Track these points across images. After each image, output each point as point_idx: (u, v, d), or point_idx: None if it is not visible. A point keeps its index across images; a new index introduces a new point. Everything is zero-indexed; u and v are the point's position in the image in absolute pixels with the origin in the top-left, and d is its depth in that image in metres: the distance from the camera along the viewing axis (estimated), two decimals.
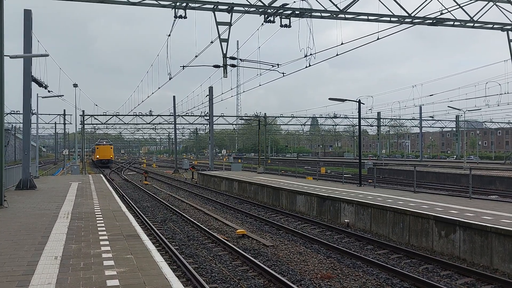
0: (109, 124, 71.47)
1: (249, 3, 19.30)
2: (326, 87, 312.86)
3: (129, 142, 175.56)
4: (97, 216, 12.97)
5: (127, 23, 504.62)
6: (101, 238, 9.70)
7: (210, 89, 46.11)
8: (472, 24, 21.78)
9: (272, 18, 19.84)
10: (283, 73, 23.08)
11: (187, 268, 10.32)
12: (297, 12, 19.77)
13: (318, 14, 20.22)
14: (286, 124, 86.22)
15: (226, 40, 20.29)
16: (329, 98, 24.93)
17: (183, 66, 25.12)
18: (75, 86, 45.54)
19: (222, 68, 20.63)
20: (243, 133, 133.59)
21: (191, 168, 48.42)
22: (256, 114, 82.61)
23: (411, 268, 11.05)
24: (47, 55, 18.60)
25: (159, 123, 73.92)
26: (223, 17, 21.99)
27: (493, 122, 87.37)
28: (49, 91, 31.63)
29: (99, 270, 7.11)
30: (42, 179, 30.51)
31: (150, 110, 67.46)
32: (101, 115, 66.74)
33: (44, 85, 28.25)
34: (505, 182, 31.88)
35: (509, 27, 22.53)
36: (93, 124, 70.13)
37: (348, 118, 78.89)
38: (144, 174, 43.74)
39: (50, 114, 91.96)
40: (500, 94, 45.92)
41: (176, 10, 19.05)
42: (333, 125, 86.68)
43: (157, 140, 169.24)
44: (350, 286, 9.60)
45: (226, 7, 19.44)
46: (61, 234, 10.17)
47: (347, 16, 20.60)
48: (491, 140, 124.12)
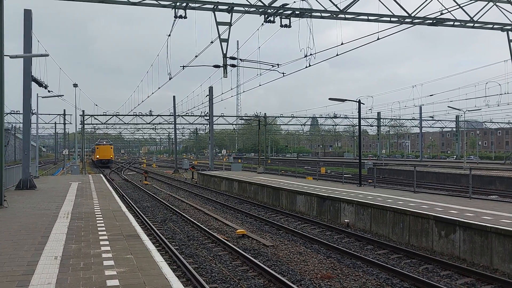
0: (109, 124, 71.54)
1: (249, 3, 19.31)
2: (326, 87, 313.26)
3: (129, 142, 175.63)
4: (97, 216, 12.97)
5: (127, 23, 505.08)
6: (101, 238, 9.70)
7: (210, 89, 46.14)
8: (472, 24, 21.79)
9: (272, 18, 19.84)
10: (283, 73, 23.10)
11: (187, 268, 10.33)
12: (297, 12, 19.78)
13: (318, 14, 20.23)
14: (286, 124, 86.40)
15: (226, 40, 20.29)
16: (329, 98, 24.96)
17: (183, 66, 25.14)
18: (75, 86, 45.57)
19: (222, 68, 20.63)
20: (243, 133, 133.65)
21: (191, 168, 48.43)
22: (256, 114, 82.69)
23: (411, 268, 11.05)
24: (47, 55, 18.60)
25: (159, 123, 73.99)
26: (223, 17, 21.98)
27: (493, 122, 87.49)
28: (49, 91, 31.66)
29: (99, 270, 7.11)
30: (42, 179, 30.52)
31: (150, 110, 67.60)
32: (101, 115, 66.82)
33: (44, 85, 28.27)
34: (505, 182, 31.89)
35: (509, 27, 22.54)
36: (93, 124, 70.25)
37: (348, 118, 79.02)
38: (144, 174, 43.75)
39: (50, 114, 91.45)
40: (500, 94, 46.03)
41: (176, 10, 19.06)
42: (333, 125, 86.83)
43: (157, 140, 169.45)
44: (350, 286, 9.60)
45: (226, 7, 19.44)
46: (61, 234, 10.18)
47: (347, 16, 20.61)
48: (491, 140, 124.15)
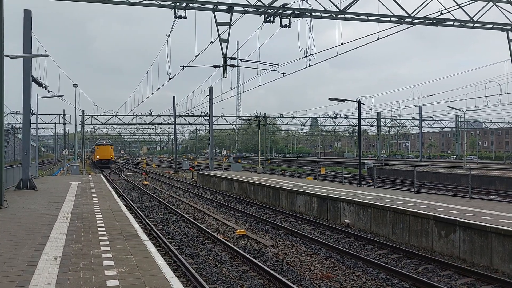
0: (109, 124, 71.59)
1: (249, 3, 19.31)
2: (326, 87, 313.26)
3: (129, 142, 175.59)
4: (97, 216, 12.97)
5: (127, 23, 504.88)
6: (101, 238, 9.70)
7: (210, 89, 46.13)
8: (472, 24, 21.80)
9: (272, 18, 19.85)
10: (283, 73, 23.12)
11: (187, 268, 10.32)
12: (297, 12, 19.78)
13: (318, 14, 20.23)
14: (286, 124, 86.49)
15: (226, 40, 20.30)
16: (329, 98, 24.96)
17: (183, 66, 25.14)
18: (75, 86, 45.59)
19: (222, 68, 20.63)
20: (243, 133, 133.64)
21: (191, 168, 48.44)
22: (256, 114, 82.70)
23: (411, 268, 11.05)
24: (47, 55, 18.61)
25: (159, 123, 74.06)
26: (223, 17, 22.01)
27: (493, 122, 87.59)
28: (49, 91, 31.65)
29: (99, 270, 7.11)
30: (42, 179, 30.51)
31: (150, 110, 67.70)
32: (101, 115, 66.90)
33: (44, 85, 28.25)
34: (504, 182, 31.90)
35: (509, 27, 22.54)
36: (93, 124, 70.31)
37: (348, 118, 79.08)
38: (144, 174, 43.74)
39: (50, 114, 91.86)
40: (500, 94, 46.10)
41: (176, 10, 19.06)
42: (333, 125, 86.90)
43: (157, 140, 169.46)
44: (350, 286, 9.60)
45: (226, 7, 19.44)
46: (61, 234, 10.17)
47: (347, 16, 20.62)
48: (491, 140, 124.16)
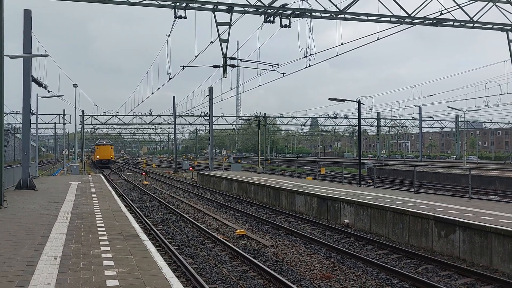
0: (108, 124, 71.58)
1: (249, 3, 19.31)
2: (326, 87, 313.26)
3: (128, 142, 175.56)
4: (96, 216, 12.97)
5: (127, 23, 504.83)
6: (100, 238, 9.70)
7: (210, 89, 46.13)
8: (471, 24, 21.80)
9: (272, 18, 19.84)
10: (283, 73, 23.11)
11: (187, 268, 10.32)
12: (297, 12, 19.78)
13: (318, 14, 20.23)
14: (286, 124, 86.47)
15: (226, 40, 20.29)
16: (329, 99, 24.95)
17: (183, 66, 25.13)
18: (75, 86, 45.60)
19: (222, 68, 20.63)
20: (243, 133, 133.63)
21: (191, 168, 48.43)
22: (256, 114, 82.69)
23: (411, 268, 11.05)
24: (47, 55, 18.60)
25: (159, 123, 74.04)
26: (223, 17, 22.00)
27: (492, 122, 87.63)
28: (48, 91, 31.65)
29: (99, 270, 7.11)
30: (41, 179, 30.51)
31: (150, 110, 67.65)
32: (101, 115, 66.85)
33: (44, 85, 28.27)
34: (504, 182, 31.91)
35: (508, 28, 22.55)
36: (92, 124, 70.30)
37: (348, 118, 79.08)
38: (143, 174, 43.74)
39: (49, 114, 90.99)
40: (499, 95, 46.11)
41: (176, 10, 19.05)
42: (333, 125, 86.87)
43: (156, 140, 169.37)
44: (350, 286, 9.60)
45: (226, 7, 19.44)
46: (60, 234, 10.17)
47: (347, 16, 20.61)
48: (491, 140, 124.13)
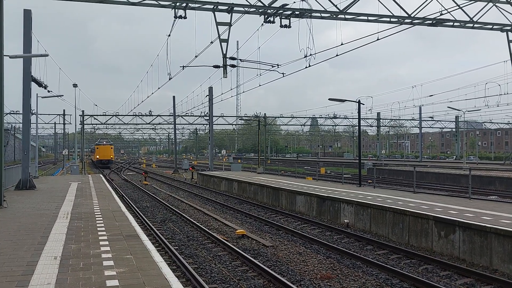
0: (108, 124, 71.57)
1: (249, 4, 19.31)
2: (326, 88, 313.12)
3: (128, 142, 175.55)
4: (96, 216, 12.97)
5: (127, 23, 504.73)
6: (100, 238, 9.69)
7: (210, 89, 46.13)
8: (471, 24, 21.80)
9: (272, 19, 19.85)
10: (283, 73, 23.11)
11: (187, 268, 10.32)
12: (297, 12, 19.78)
13: (318, 14, 20.23)
14: (286, 124, 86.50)
15: (226, 40, 20.29)
16: (329, 99, 24.97)
17: (183, 66, 25.13)
18: (75, 86, 45.61)
19: (222, 68, 20.63)
20: (243, 133, 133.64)
21: (191, 168, 48.43)
22: (256, 114, 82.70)
23: (411, 268, 11.05)
24: (47, 55, 18.60)
25: (159, 123, 74.02)
26: (223, 17, 22.00)
27: (492, 122, 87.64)
28: (48, 91, 31.67)
29: (99, 270, 7.11)
30: (41, 179, 30.50)
31: (150, 110, 67.64)
32: (100, 115, 66.84)
33: (43, 85, 28.29)
34: (504, 182, 31.91)
35: (508, 28, 22.55)
36: (92, 124, 70.29)
37: (347, 118, 79.08)
38: (143, 174, 43.72)
39: (49, 114, 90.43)
40: (499, 95, 46.05)
41: (176, 10, 19.05)
42: (332, 125, 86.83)
43: (156, 140, 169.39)
44: (349, 286, 9.60)
45: (226, 8, 19.44)
46: (60, 234, 10.17)
47: (347, 16, 20.61)
48: (491, 140, 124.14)
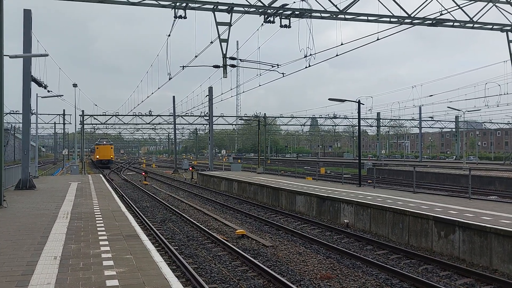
0: (108, 124, 71.55)
1: (249, 4, 19.31)
2: (326, 88, 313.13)
3: (128, 142, 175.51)
4: (96, 216, 12.97)
5: (127, 23, 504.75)
6: (100, 238, 9.69)
7: (210, 89, 46.13)
8: (471, 24, 21.81)
9: (272, 19, 19.84)
10: (283, 73, 23.10)
11: (187, 268, 10.32)
12: (297, 12, 19.78)
13: (318, 14, 20.23)
14: (285, 124, 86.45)
15: (226, 40, 20.28)
16: (328, 99, 24.99)
17: (183, 66, 25.11)
18: (75, 86, 45.64)
19: (222, 68, 20.62)
20: (243, 133, 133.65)
21: (191, 168, 48.42)
22: (255, 114, 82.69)
23: (411, 268, 11.06)
24: (47, 55, 18.59)
25: (159, 123, 73.99)
26: (223, 17, 22.01)
27: (492, 122, 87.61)
28: (48, 91, 31.67)
29: (99, 270, 7.11)
30: (41, 179, 30.50)
31: (150, 110, 67.59)
32: (100, 115, 66.79)
33: (43, 85, 28.30)
34: (504, 182, 31.91)
35: (508, 28, 22.56)
36: (92, 124, 70.29)
37: (347, 118, 79.03)
38: (143, 174, 43.72)
39: (49, 114, 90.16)
40: (499, 95, 46.03)
41: (176, 10, 19.05)
42: (332, 125, 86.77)
43: (156, 140, 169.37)
44: (349, 286, 9.60)
45: (226, 7, 19.44)
46: (60, 234, 10.17)
47: (347, 16, 20.61)
48: (491, 140, 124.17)
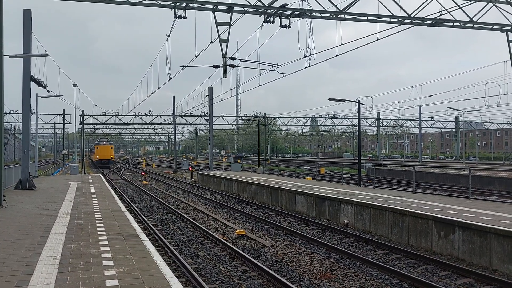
0: (108, 124, 71.53)
1: (249, 4, 19.31)
2: (326, 88, 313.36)
3: (128, 142, 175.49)
4: (96, 216, 12.96)
5: (127, 23, 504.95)
6: (100, 238, 9.69)
7: (210, 89, 46.12)
8: (471, 25, 21.81)
9: (272, 19, 19.85)
10: (283, 73, 23.09)
11: (187, 268, 10.32)
12: (297, 12, 19.78)
13: (318, 14, 20.23)
14: (285, 124, 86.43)
15: (226, 40, 20.29)
16: (328, 99, 24.97)
17: (183, 66, 25.10)
18: (75, 86, 45.61)
19: (222, 68, 20.62)
20: (243, 133, 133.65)
21: (191, 168, 48.42)
22: (255, 114, 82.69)
23: (410, 268, 11.06)
24: (47, 55, 18.58)
25: (159, 123, 73.97)
26: (223, 17, 22.00)
27: (492, 122, 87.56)
28: (48, 91, 31.66)
29: (98, 270, 7.11)
30: (41, 179, 30.50)
31: (150, 110, 67.59)
32: (100, 115, 66.78)
33: (43, 84, 28.29)
34: (504, 182, 31.91)
35: (508, 28, 22.56)
36: (92, 124, 70.28)
37: (347, 118, 78.99)
38: (143, 174, 43.71)
39: (49, 114, 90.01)
40: (499, 95, 46.05)
41: (176, 10, 19.06)
42: (332, 125, 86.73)
43: (156, 140, 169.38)
44: (349, 286, 9.60)
45: (226, 7, 19.44)
46: (60, 234, 10.17)
47: (347, 16, 20.61)
48: (491, 140, 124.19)
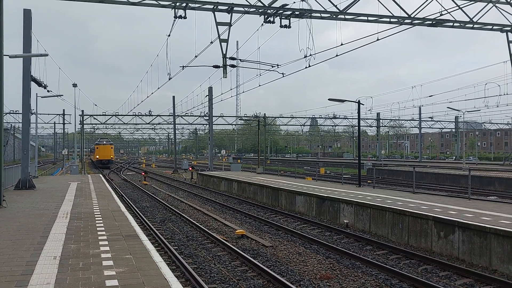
0: (108, 124, 71.50)
1: (249, 4, 19.31)
2: (326, 88, 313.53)
3: (128, 142, 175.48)
4: (96, 216, 12.96)
5: (127, 23, 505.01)
6: (100, 238, 9.69)
7: (210, 89, 46.13)
8: (471, 25, 21.82)
9: (272, 19, 19.85)
10: (283, 73, 23.09)
11: (186, 268, 10.33)
12: (297, 12, 19.78)
13: (318, 14, 20.23)
14: (285, 124, 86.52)
15: (226, 40, 20.28)
16: (328, 99, 24.98)
17: (183, 66, 25.10)
18: (75, 86, 45.58)
19: (222, 68, 20.62)
20: (243, 133, 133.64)
21: (190, 168, 48.42)
22: (255, 114, 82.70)
23: (410, 268, 11.06)
24: (47, 55, 18.58)
25: (159, 123, 73.96)
26: (223, 17, 22.00)
27: (492, 123, 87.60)
28: (48, 91, 31.64)
29: (98, 270, 7.11)
30: (41, 179, 30.49)
31: (150, 110, 67.56)
32: (100, 115, 66.75)
33: (43, 84, 28.28)
34: (504, 183, 31.91)
35: (508, 28, 22.57)
36: (92, 124, 70.23)
37: (347, 118, 78.96)
38: (143, 174, 43.71)
39: (49, 114, 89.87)
40: (499, 95, 46.08)
41: (176, 10, 19.06)
42: (332, 125, 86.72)
43: (156, 140, 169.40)
44: (349, 286, 9.60)
45: (226, 8, 19.44)
46: (60, 234, 10.17)
47: (347, 17, 20.61)
48: (490, 141, 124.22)
